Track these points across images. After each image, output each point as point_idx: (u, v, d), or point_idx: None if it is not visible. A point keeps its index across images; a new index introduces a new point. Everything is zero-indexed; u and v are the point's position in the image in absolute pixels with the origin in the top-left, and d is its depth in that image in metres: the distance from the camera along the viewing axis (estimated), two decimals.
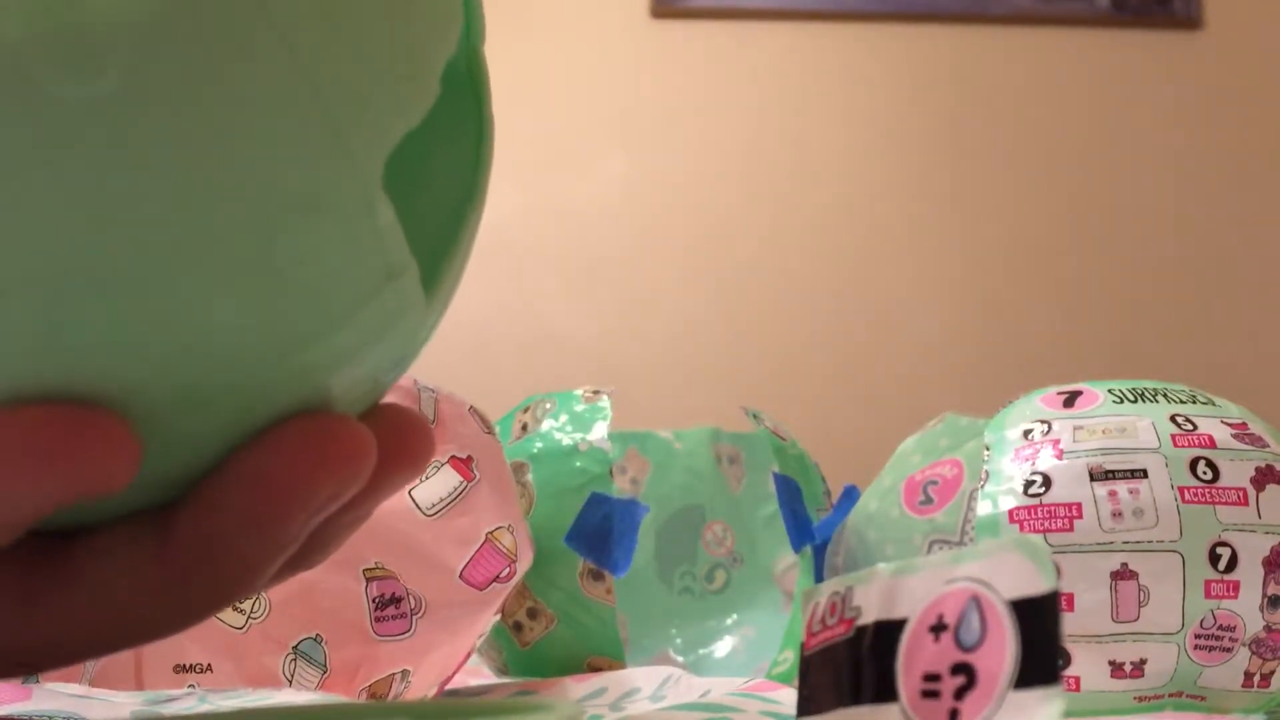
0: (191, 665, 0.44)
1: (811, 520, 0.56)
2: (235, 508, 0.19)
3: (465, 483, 0.48)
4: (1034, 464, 0.44)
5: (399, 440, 0.22)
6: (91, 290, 0.16)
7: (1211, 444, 0.44)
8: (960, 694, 0.19)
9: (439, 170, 0.22)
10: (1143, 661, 0.42)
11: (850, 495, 0.56)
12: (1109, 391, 0.47)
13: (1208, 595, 0.41)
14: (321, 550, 0.23)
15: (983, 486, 0.44)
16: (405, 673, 0.47)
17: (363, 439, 0.20)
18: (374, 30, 0.18)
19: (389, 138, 0.19)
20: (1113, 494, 0.43)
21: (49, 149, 0.16)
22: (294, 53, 0.17)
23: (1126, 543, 0.42)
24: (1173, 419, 0.45)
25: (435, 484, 0.48)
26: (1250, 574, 0.42)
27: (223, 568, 0.19)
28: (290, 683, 0.45)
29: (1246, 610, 0.41)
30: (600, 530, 0.55)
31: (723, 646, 0.70)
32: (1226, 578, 0.42)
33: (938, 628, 0.20)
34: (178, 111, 0.16)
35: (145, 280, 0.17)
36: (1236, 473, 0.43)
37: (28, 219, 0.16)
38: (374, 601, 0.46)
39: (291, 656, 0.45)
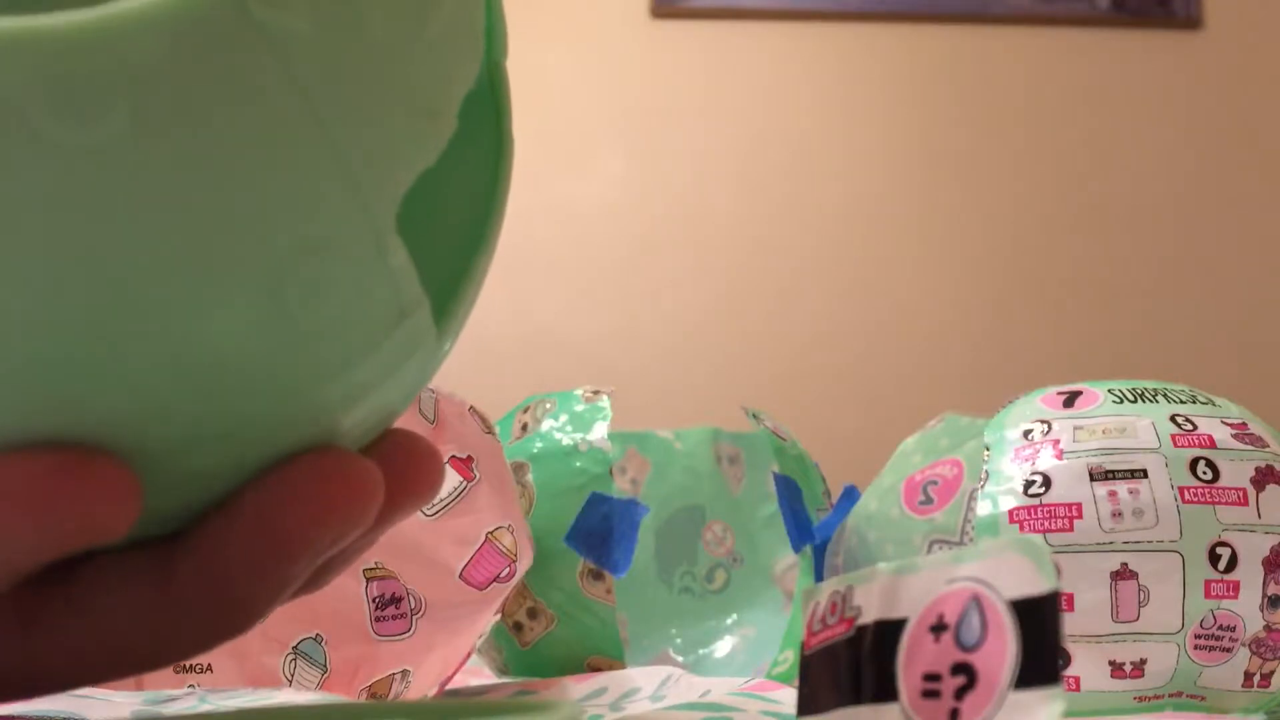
0: (191, 665, 0.44)
1: (811, 520, 0.56)
2: (239, 549, 0.19)
3: (465, 483, 0.48)
4: (1034, 464, 0.44)
5: (408, 470, 0.21)
6: (95, 334, 0.16)
7: (1211, 444, 0.44)
8: (960, 694, 0.19)
9: (454, 190, 0.21)
10: (1143, 661, 0.42)
11: (850, 495, 0.56)
12: (1109, 391, 0.47)
13: (1208, 595, 0.41)
14: (325, 576, 0.23)
15: (983, 486, 0.44)
16: (405, 673, 0.47)
17: (370, 479, 0.19)
18: (390, 73, 0.18)
19: (404, 179, 0.18)
20: (1113, 494, 0.43)
21: (49, 194, 0.15)
22: (306, 97, 0.16)
23: (1126, 543, 0.42)
24: (1173, 419, 0.45)
25: None
26: (1250, 574, 0.42)
27: (225, 605, 0.19)
28: (290, 683, 0.45)
29: (1246, 610, 0.41)
30: (600, 530, 0.55)
31: (723, 646, 0.70)
32: (1226, 578, 0.42)
33: (938, 627, 0.20)
34: (183, 158, 0.16)
35: (149, 324, 0.16)
36: (1236, 473, 0.43)
37: (28, 264, 0.15)
38: (374, 601, 0.46)
39: (292, 656, 0.45)
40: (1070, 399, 0.47)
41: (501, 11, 0.22)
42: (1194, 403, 0.46)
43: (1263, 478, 0.43)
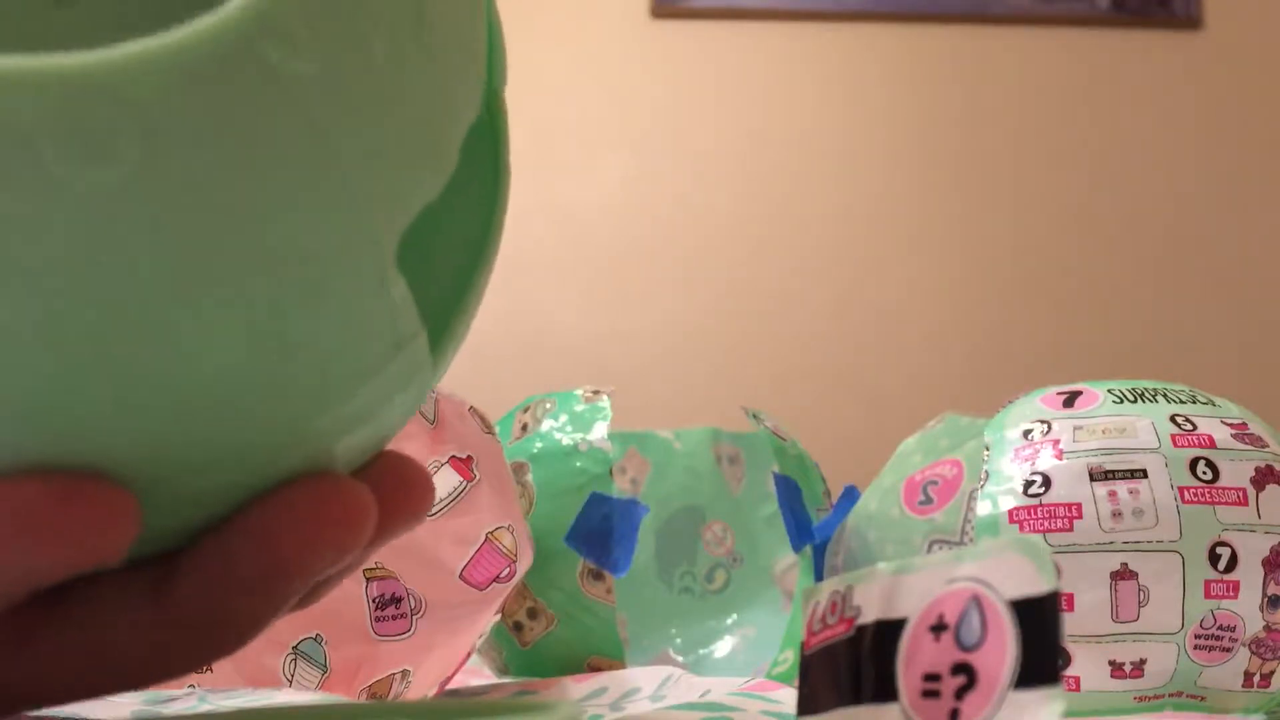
0: None
1: (811, 520, 0.56)
2: (235, 571, 0.19)
3: (465, 483, 0.48)
4: (1034, 464, 0.44)
5: (399, 493, 0.22)
6: (97, 365, 0.16)
7: (1211, 444, 0.44)
8: (960, 694, 0.19)
9: (454, 221, 0.22)
10: (1143, 661, 0.42)
11: (850, 495, 0.56)
12: (1109, 391, 0.47)
13: (1208, 595, 0.41)
14: (318, 594, 0.23)
15: (982, 486, 0.44)
16: (405, 673, 0.47)
17: (365, 504, 0.20)
18: (397, 112, 0.18)
19: (408, 214, 0.18)
20: (1112, 494, 0.43)
21: (56, 231, 0.15)
22: (317, 139, 0.16)
23: (1126, 543, 0.42)
24: (1172, 419, 0.45)
25: (435, 484, 0.48)
26: (1250, 574, 0.42)
27: (220, 624, 0.19)
28: (290, 683, 0.45)
29: (1246, 610, 0.41)
30: (600, 530, 0.55)
31: (723, 646, 0.70)
32: (1226, 578, 0.42)
33: (938, 627, 0.20)
34: (192, 199, 0.16)
35: (152, 357, 0.16)
36: (1236, 473, 0.43)
37: (32, 296, 0.15)
38: (374, 601, 0.46)
39: (292, 656, 0.45)
40: (1070, 399, 0.47)
41: (502, 40, 0.22)
42: (1194, 403, 0.46)
43: (1263, 478, 0.43)
